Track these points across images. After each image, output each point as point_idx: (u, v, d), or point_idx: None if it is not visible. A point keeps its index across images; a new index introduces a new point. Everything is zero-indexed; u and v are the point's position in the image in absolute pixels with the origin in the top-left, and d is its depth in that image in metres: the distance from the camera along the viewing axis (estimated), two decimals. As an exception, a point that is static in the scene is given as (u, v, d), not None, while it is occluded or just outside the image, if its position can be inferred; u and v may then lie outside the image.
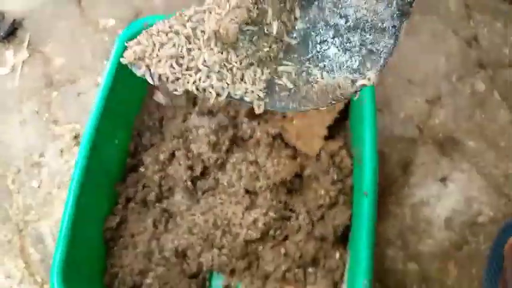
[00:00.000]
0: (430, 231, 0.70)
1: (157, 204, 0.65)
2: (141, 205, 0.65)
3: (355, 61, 0.34)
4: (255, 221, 0.60)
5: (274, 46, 0.34)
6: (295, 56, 0.35)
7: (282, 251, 0.61)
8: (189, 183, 0.63)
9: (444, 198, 0.71)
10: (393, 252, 0.69)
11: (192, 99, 0.74)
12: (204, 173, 0.66)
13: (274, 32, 0.33)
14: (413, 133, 0.76)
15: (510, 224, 0.66)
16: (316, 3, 0.35)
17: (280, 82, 0.35)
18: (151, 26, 0.71)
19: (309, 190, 0.63)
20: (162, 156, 0.67)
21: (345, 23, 0.34)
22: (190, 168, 0.65)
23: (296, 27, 0.35)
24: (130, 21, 0.98)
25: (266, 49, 0.34)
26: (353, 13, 0.34)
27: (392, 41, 0.33)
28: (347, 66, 0.34)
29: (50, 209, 0.78)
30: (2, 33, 1.00)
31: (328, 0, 0.34)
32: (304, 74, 0.35)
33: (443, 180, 0.72)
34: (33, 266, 0.74)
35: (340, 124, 0.68)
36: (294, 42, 0.35)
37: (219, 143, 0.66)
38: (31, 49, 0.99)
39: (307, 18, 0.35)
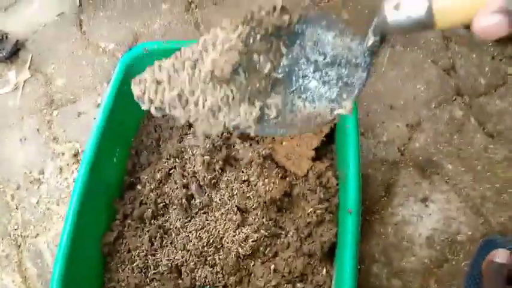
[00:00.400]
0: (412, 249, 0.74)
1: (153, 221, 0.68)
2: (138, 221, 0.68)
3: (333, 92, 0.38)
4: (246, 238, 0.64)
5: (263, 81, 0.39)
6: (281, 88, 0.40)
7: (272, 266, 0.64)
8: (184, 201, 0.67)
9: (425, 217, 0.75)
10: (377, 269, 0.73)
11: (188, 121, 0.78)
12: (198, 192, 0.69)
13: (266, 71, 0.38)
14: (395, 156, 0.81)
15: (487, 243, 0.70)
16: (298, 42, 0.40)
17: (269, 112, 0.39)
18: (151, 51, 0.76)
19: (297, 208, 0.67)
20: (158, 175, 0.71)
21: (324, 59, 0.39)
22: (186, 186, 0.68)
23: (281, 64, 0.40)
24: (130, 45, 1.03)
25: (257, 84, 0.38)
26: (330, 50, 0.38)
27: (365, 74, 0.38)
28: (326, 97, 0.39)
29: (48, 224, 0.81)
30: (5, 54, 1.04)
31: (308, 39, 0.39)
32: (289, 104, 0.39)
33: (424, 200, 0.76)
34: (30, 280, 0.77)
35: (327, 147, 0.73)
36: (280, 76, 0.40)
37: (213, 162, 0.70)
38: (33, 69, 1.03)
39: (290, 56, 0.40)
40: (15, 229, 0.81)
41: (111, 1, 1.12)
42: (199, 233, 0.65)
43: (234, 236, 0.64)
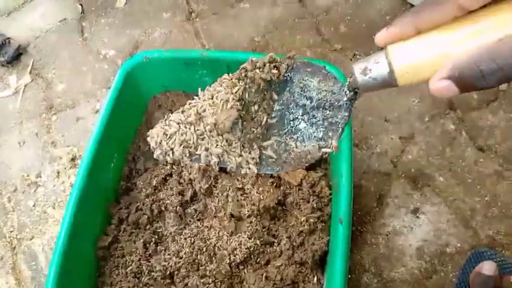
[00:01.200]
0: (402, 260, 0.75)
1: (148, 226, 0.69)
2: (133, 226, 0.69)
3: (320, 132, 0.43)
4: (239, 246, 0.64)
5: (259, 128, 0.44)
6: (275, 131, 0.45)
7: (264, 274, 0.65)
8: (179, 207, 0.68)
9: (416, 229, 0.76)
10: (368, 279, 0.74)
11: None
12: (193, 198, 0.70)
13: (262, 120, 0.44)
14: (388, 167, 0.82)
15: (476, 255, 0.71)
16: (287, 88, 0.44)
17: (266, 153, 0.45)
18: (151, 59, 0.78)
19: (290, 217, 0.68)
20: (154, 181, 0.72)
21: (310, 103, 0.43)
22: (181, 193, 0.69)
23: (274, 109, 0.45)
24: (130, 52, 1.05)
25: (254, 131, 0.44)
26: (316, 95, 0.43)
27: (347, 114, 0.41)
28: (314, 136, 0.43)
29: (44, 227, 0.82)
30: (6, 58, 1.06)
31: (296, 85, 0.44)
32: (283, 145, 0.44)
33: (415, 212, 0.78)
34: (24, 283, 0.77)
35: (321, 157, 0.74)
36: (273, 121, 0.45)
37: (208, 169, 0.71)
38: (34, 74, 1.04)
39: (281, 101, 0.45)
40: (11, 231, 0.82)
41: (113, 9, 1.14)
42: (193, 240, 0.66)
43: (227, 243, 0.65)
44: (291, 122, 0.44)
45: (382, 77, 0.32)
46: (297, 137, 0.44)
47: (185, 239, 0.66)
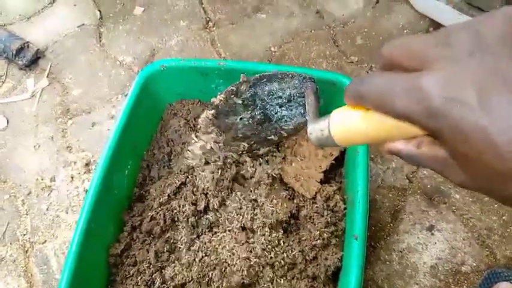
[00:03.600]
0: (416, 277, 0.74)
1: (161, 235, 0.68)
2: (146, 235, 0.69)
3: (300, 110, 0.59)
4: (250, 265, 0.64)
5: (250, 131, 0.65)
6: (266, 124, 0.64)
7: (275, 288, 0.64)
8: (192, 218, 0.67)
9: (430, 246, 0.75)
10: (380, 296, 0.73)
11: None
12: (206, 209, 0.70)
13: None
14: (403, 183, 0.81)
15: (492, 275, 0.70)
16: (256, 99, 0.61)
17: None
18: (168, 68, 0.78)
19: (303, 230, 0.67)
20: (168, 190, 0.71)
21: (282, 100, 0.60)
22: (194, 203, 0.69)
23: (256, 113, 0.63)
24: (147, 59, 1.06)
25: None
26: (282, 94, 0.59)
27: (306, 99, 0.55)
28: (297, 113, 0.60)
29: (56, 231, 0.82)
30: (25, 62, 1.07)
31: (262, 94, 0.60)
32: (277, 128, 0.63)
33: (430, 229, 0.76)
34: (35, 286, 0.77)
35: (336, 170, 0.74)
36: (261, 117, 0.63)
37: (222, 180, 0.71)
38: (51, 78, 1.05)
39: (258, 107, 0.62)
40: (24, 234, 0.83)
41: (131, 16, 1.15)
42: (205, 253, 0.66)
43: (239, 259, 0.64)
44: (275, 115, 0.61)
45: (325, 140, 0.34)
46: (284, 119, 0.61)
47: (196, 252, 0.65)
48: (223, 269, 0.63)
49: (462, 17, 0.96)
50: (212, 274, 0.63)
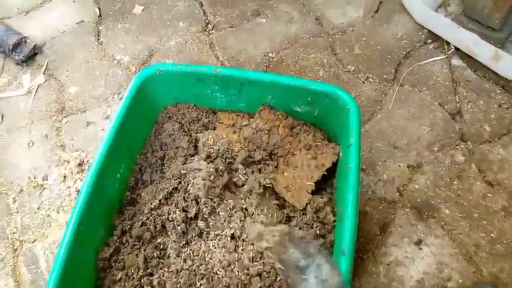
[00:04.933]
0: (402, 291, 0.74)
1: (151, 241, 0.69)
2: (136, 240, 0.69)
3: None
4: (238, 269, 0.64)
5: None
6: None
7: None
8: (182, 225, 0.68)
9: (418, 260, 0.75)
10: (366, 308, 0.73)
11: (193, 142, 0.80)
12: (197, 215, 0.70)
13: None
14: (393, 196, 0.81)
15: (477, 292, 0.71)
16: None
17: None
18: (164, 72, 0.78)
19: (292, 241, 0.67)
20: (160, 195, 0.72)
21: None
22: (185, 210, 0.69)
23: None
24: (144, 59, 1.05)
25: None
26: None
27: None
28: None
29: (46, 231, 0.82)
30: (22, 57, 1.07)
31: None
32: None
33: (418, 243, 0.77)
34: (23, 286, 0.78)
35: (328, 181, 0.74)
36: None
37: (213, 187, 0.71)
38: (48, 75, 1.05)
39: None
40: (14, 232, 0.83)
41: (130, 14, 1.15)
42: (194, 261, 0.66)
43: (227, 267, 0.65)
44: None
45: None
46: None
47: (185, 259, 0.66)
48: (210, 278, 0.64)
49: (460, 30, 0.96)
50: (199, 283, 0.63)
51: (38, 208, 0.85)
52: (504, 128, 0.89)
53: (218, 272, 0.65)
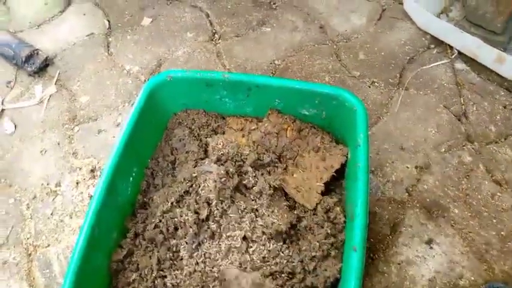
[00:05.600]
0: (414, 290, 0.74)
1: (164, 243, 0.69)
2: (148, 242, 0.70)
3: None
4: (250, 269, 0.64)
5: None
6: None
7: (274, 297, 0.65)
8: (194, 226, 0.69)
9: (429, 259, 0.76)
10: (378, 308, 0.73)
11: (203, 146, 0.81)
12: (208, 217, 0.71)
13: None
14: (403, 196, 0.82)
15: (489, 289, 0.71)
16: None
17: None
18: (174, 78, 0.80)
19: (303, 240, 0.68)
20: (171, 197, 0.73)
21: None
22: (197, 212, 0.70)
23: None
24: (153, 69, 1.08)
25: None
26: None
27: None
28: None
29: (60, 236, 0.83)
30: (34, 68, 1.09)
31: None
32: None
33: (429, 242, 0.77)
34: (37, 290, 0.78)
35: (337, 182, 0.75)
36: None
37: (224, 189, 0.72)
38: (59, 85, 1.08)
39: None
40: (28, 238, 0.84)
41: (139, 26, 1.18)
42: (206, 262, 0.66)
43: (238, 268, 0.65)
44: None
45: None
46: None
47: (198, 261, 0.66)
48: (222, 279, 0.64)
49: (463, 34, 0.98)
50: (212, 285, 0.64)
51: (51, 214, 0.86)
52: (510, 129, 0.90)
53: (230, 276, 0.65)
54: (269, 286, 0.66)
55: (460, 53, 1.02)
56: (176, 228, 0.71)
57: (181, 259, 0.68)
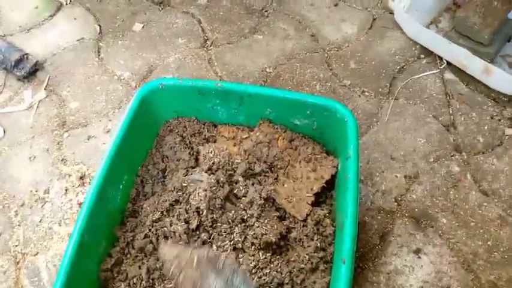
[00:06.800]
0: (402, 300, 0.75)
1: (153, 253, 0.69)
2: (138, 251, 0.70)
3: None
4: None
5: None
6: None
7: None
8: (184, 236, 0.68)
9: (417, 269, 0.76)
10: (367, 317, 0.74)
11: (194, 155, 0.81)
12: (198, 227, 0.71)
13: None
14: (392, 206, 0.83)
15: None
16: None
17: None
18: (166, 86, 0.79)
19: (292, 251, 0.68)
20: (161, 206, 0.72)
21: None
22: (187, 221, 0.70)
23: None
24: (144, 75, 1.07)
25: None
26: None
27: None
28: None
29: (48, 243, 0.82)
30: (23, 73, 1.08)
31: None
32: None
33: (417, 252, 0.78)
34: (24, 298, 0.77)
35: (327, 193, 0.75)
36: None
37: (214, 198, 0.72)
38: (49, 90, 1.07)
39: None
40: (16, 245, 0.83)
41: (130, 31, 1.17)
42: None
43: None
44: None
45: None
46: None
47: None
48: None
49: (452, 45, 1.00)
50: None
51: (40, 221, 0.85)
52: (497, 139, 0.91)
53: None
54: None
55: (449, 63, 1.04)
56: (166, 238, 0.71)
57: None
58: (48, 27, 1.21)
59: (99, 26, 1.20)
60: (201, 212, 0.71)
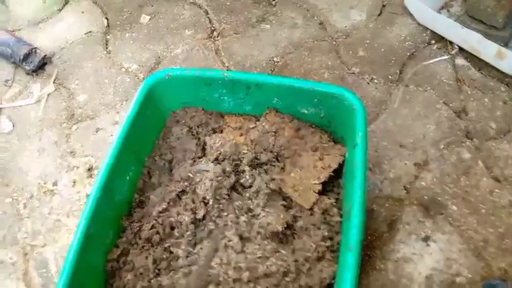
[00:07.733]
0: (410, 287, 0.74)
1: (160, 243, 0.69)
2: (145, 241, 0.70)
3: None
4: (244, 269, 0.64)
5: None
6: None
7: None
8: (191, 226, 0.68)
9: (426, 256, 0.75)
10: (376, 306, 0.73)
11: (201, 145, 0.81)
12: (205, 216, 0.71)
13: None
14: (400, 193, 0.82)
15: (487, 286, 0.70)
16: None
17: None
18: (173, 76, 0.79)
19: (298, 240, 0.68)
20: (168, 197, 0.73)
21: None
22: (193, 211, 0.70)
23: None
24: (152, 67, 1.07)
25: None
26: None
27: None
28: None
29: (57, 235, 0.83)
30: (32, 67, 1.09)
31: None
32: None
33: (426, 239, 0.77)
34: (34, 289, 0.78)
35: (335, 181, 0.75)
36: None
37: (221, 187, 0.72)
38: (57, 84, 1.07)
39: None
40: (25, 237, 0.84)
41: (137, 24, 1.17)
42: (203, 263, 0.66)
43: (233, 269, 0.65)
44: None
45: None
46: None
47: (194, 261, 0.66)
48: (217, 281, 0.64)
49: (464, 30, 0.97)
50: (209, 285, 0.64)
51: (49, 213, 0.86)
52: (510, 125, 0.89)
53: (225, 276, 0.65)
54: (264, 286, 0.65)
55: (460, 48, 1.01)
56: (173, 228, 0.71)
57: (178, 259, 0.67)
58: (56, 21, 1.22)
59: (107, 18, 1.21)
60: (207, 202, 0.71)
